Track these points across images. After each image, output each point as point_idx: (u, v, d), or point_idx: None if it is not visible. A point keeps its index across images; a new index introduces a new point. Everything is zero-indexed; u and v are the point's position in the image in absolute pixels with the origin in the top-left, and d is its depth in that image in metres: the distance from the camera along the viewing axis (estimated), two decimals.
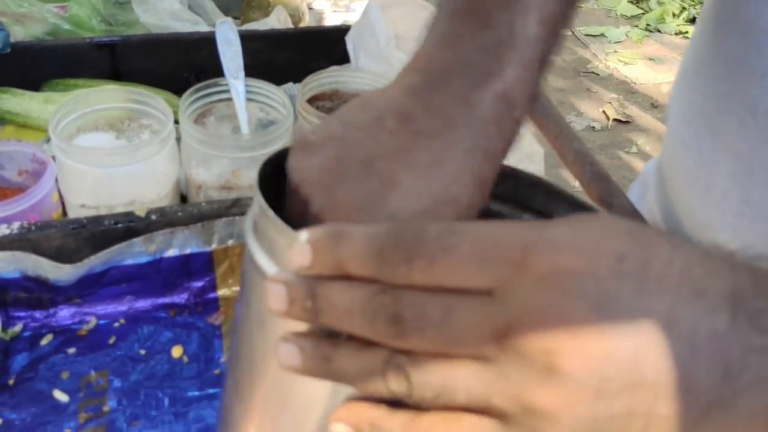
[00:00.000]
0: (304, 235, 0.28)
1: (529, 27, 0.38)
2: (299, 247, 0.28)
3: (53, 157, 0.70)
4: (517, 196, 0.43)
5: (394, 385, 0.27)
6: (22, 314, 0.67)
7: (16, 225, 0.64)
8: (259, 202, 0.34)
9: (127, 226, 0.66)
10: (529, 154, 0.82)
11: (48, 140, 0.84)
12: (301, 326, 0.29)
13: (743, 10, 0.51)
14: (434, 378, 0.26)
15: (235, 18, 1.13)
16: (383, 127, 0.37)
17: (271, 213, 0.33)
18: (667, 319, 0.25)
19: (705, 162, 0.56)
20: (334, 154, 0.37)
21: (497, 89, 0.37)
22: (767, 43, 0.49)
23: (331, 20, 1.19)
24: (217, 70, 0.85)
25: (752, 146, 0.51)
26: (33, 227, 0.64)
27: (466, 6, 0.39)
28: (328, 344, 0.29)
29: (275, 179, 0.39)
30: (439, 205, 0.36)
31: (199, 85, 0.75)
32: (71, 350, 0.66)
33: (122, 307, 0.70)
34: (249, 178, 0.72)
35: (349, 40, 0.90)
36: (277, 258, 0.32)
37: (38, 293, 0.66)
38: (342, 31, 0.97)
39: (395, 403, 0.28)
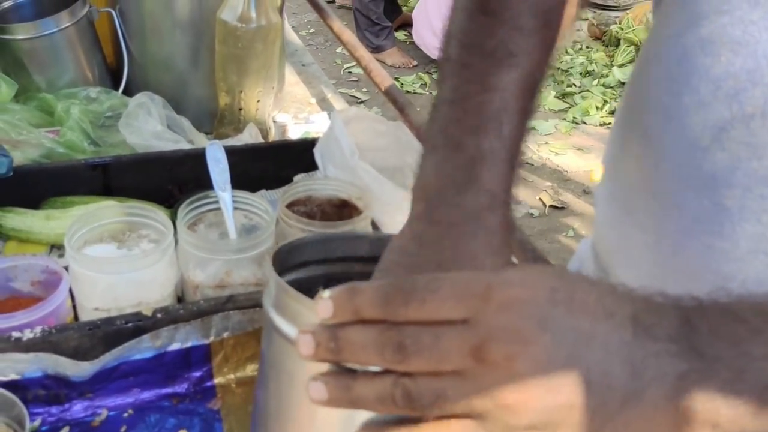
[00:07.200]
0: (326, 293, 0.39)
1: (492, 143, 0.54)
2: (323, 303, 0.38)
3: (65, 268, 0.79)
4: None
5: (401, 401, 0.36)
6: (40, 410, 0.74)
7: (38, 329, 0.72)
8: (280, 283, 0.45)
9: (136, 325, 0.75)
10: None
11: (50, 252, 0.93)
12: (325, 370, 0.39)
13: (644, 119, 0.66)
14: (429, 389, 0.36)
15: (207, 133, 1.25)
16: (407, 252, 0.54)
17: (292, 290, 0.43)
18: (589, 333, 0.35)
19: (623, 236, 0.70)
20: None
21: (477, 189, 0.53)
22: (660, 145, 0.63)
23: (293, 131, 1.31)
24: (197, 182, 0.96)
25: (657, 221, 0.64)
26: (53, 330, 0.72)
27: (443, 142, 0.55)
28: (347, 377, 0.38)
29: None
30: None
31: (191, 198, 0.86)
32: None
33: (129, 399, 0.78)
34: (240, 276, 0.83)
35: (317, 152, 1.02)
36: (297, 322, 0.42)
37: (56, 390, 0.74)
38: (308, 143, 1.09)
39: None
